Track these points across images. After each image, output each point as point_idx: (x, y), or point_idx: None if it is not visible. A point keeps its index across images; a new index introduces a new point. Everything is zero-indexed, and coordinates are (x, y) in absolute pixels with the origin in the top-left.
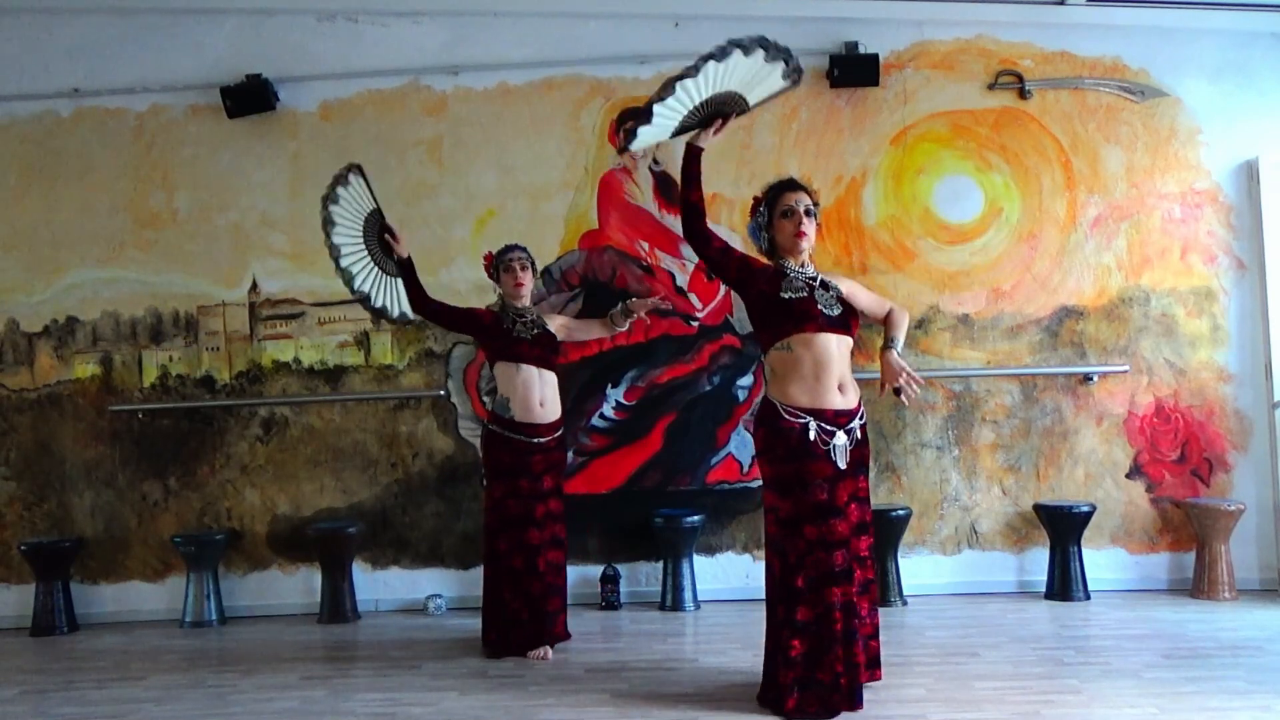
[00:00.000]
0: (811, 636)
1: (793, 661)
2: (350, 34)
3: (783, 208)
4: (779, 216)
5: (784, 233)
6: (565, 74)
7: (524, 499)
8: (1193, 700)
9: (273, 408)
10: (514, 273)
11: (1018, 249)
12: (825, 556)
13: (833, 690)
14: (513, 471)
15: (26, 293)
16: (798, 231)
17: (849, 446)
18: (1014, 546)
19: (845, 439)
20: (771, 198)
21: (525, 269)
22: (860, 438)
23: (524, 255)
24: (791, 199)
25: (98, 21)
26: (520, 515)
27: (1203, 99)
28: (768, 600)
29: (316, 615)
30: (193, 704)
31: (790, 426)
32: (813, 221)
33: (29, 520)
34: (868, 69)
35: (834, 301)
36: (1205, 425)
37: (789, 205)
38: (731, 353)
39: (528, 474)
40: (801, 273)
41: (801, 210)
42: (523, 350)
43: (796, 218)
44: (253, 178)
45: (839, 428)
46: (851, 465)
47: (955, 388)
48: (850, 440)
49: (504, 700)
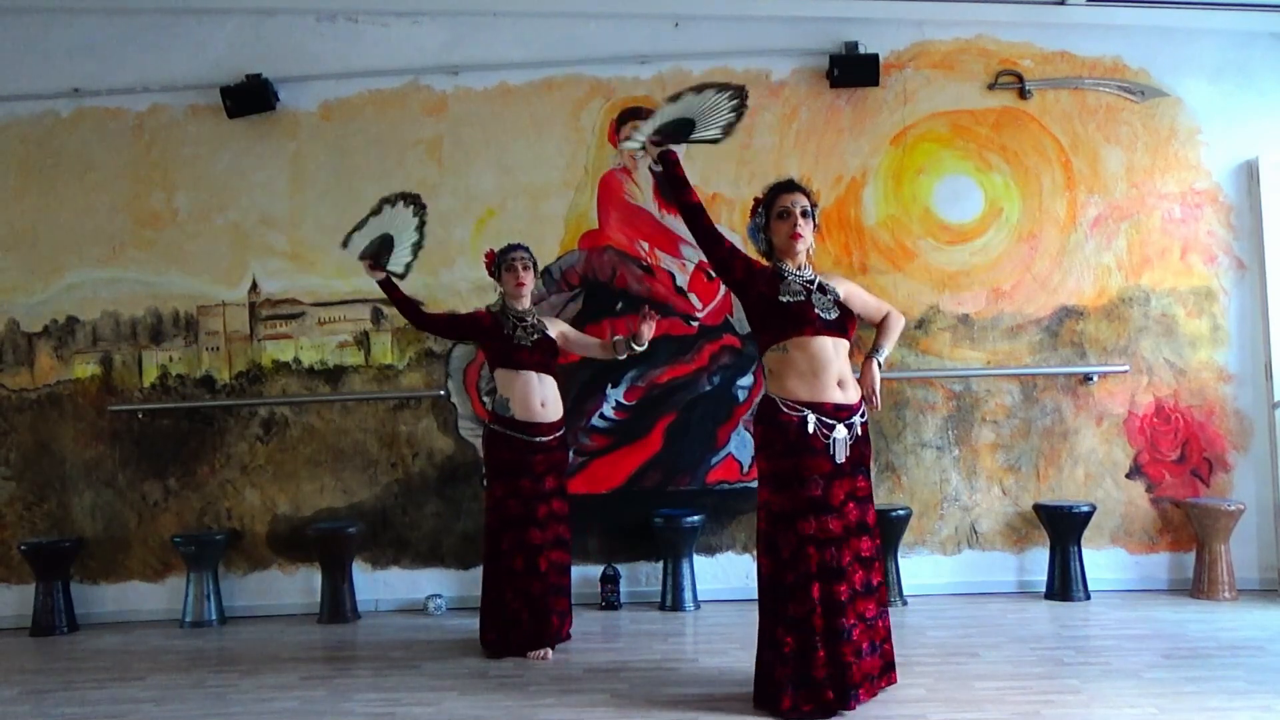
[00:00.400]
0: (803, 633)
1: (786, 658)
2: (350, 34)
3: (778, 209)
4: (775, 218)
5: (780, 234)
6: (565, 74)
7: (525, 499)
8: (1193, 700)
9: (273, 408)
10: (516, 272)
11: (1018, 249)
12: (815, 553)
13: (825, 688)
14: (514, 471)
15: (26, 293)
16: (793, 233)
17: (849, 441)
18: (1014, 546)
19: (845, 433)
20: (769, 199)
21: (527, 269)
22: (861, 434)
23: (526, 255)
24: (787, 201)
25: (98, 21)
26: (521, 515)
27: (1203, 99)
28: (760, 599)
29: (316, 615)
30: (193, 704)
31: (789, 420)
32: (809, 223)
33: (29, 520)
34: (868, 69)
35: (831, 305)
36: (1205, 425)
37: (784, 207)
38: (731, 353)
39: (529, 473)
40: (799, 275)
41: (797, 212)
42: (523, 357)
43: (792, 219)
44: (253, 178)
45: (839, 421)
46: (850, 463)
47: (955, 388)
48: (850, 435)
49: (504, 700)
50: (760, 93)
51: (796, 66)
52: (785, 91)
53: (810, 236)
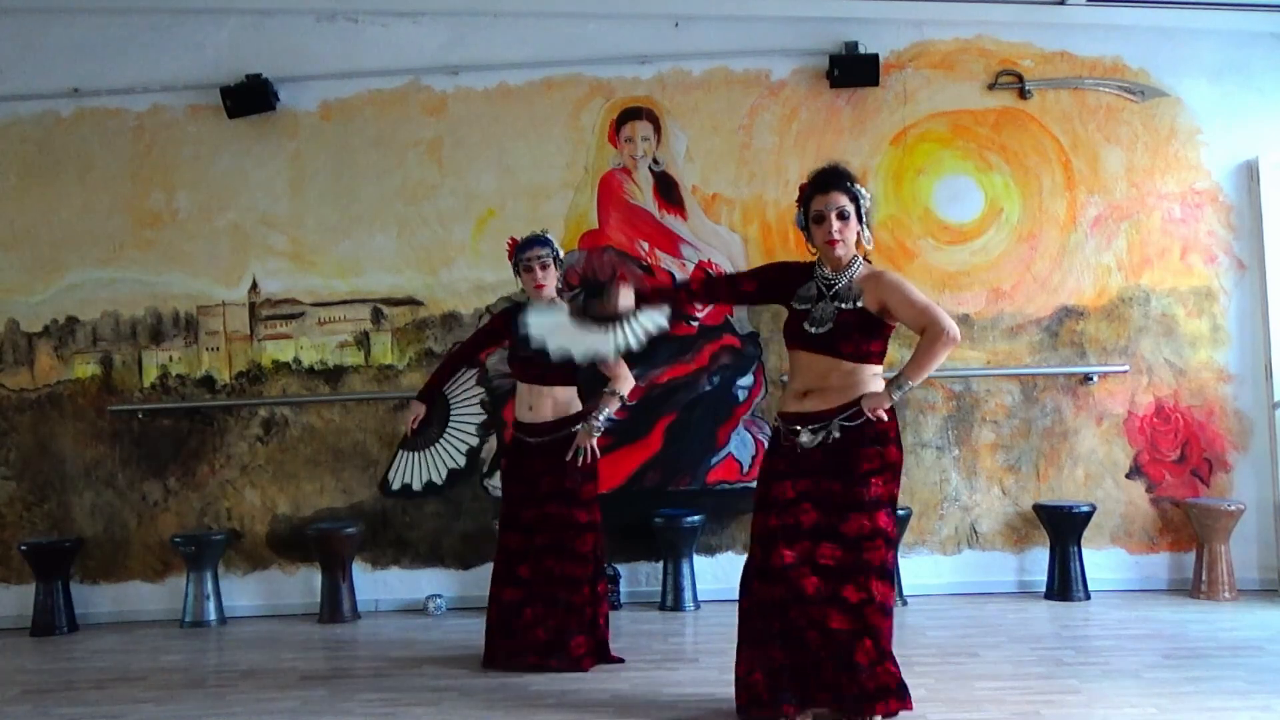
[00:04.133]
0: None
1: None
2: (350, 34)
3: (814, 213)
4: (811, 221)
5: (817, 239)
6: (565, 74)
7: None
8: (1193, 700)
9: (273, 408)
10: (534, 273)
11: (1018, 249)
12: (759, 550)
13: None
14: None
15: (26, 293)
16: (829, 239)
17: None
18: (1014, 546)
19: (810, 438)
20: (806, 198)
21: (545, 267)
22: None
23: (545, 253)
24: (821, 203)
25: (98, 21)
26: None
27: (1203, 99)
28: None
29: (316, 615)
30: (193, 704)
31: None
32: (848, 223)
33: (29, 520)
34: (868, 69)
35: (830, 318)
36: (1205, 425)
37: (818, 210)
38: (731, 353)
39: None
40: (824, 278)
41: (832, 215)
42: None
43: (826, 224)
44: (253, 178)
45: (803, 426)
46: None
47: (955, 388)
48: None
49: (504, 700)
50: (760, 93)
51: (796, 66)
52: (785, 91)
53: (852, 238)
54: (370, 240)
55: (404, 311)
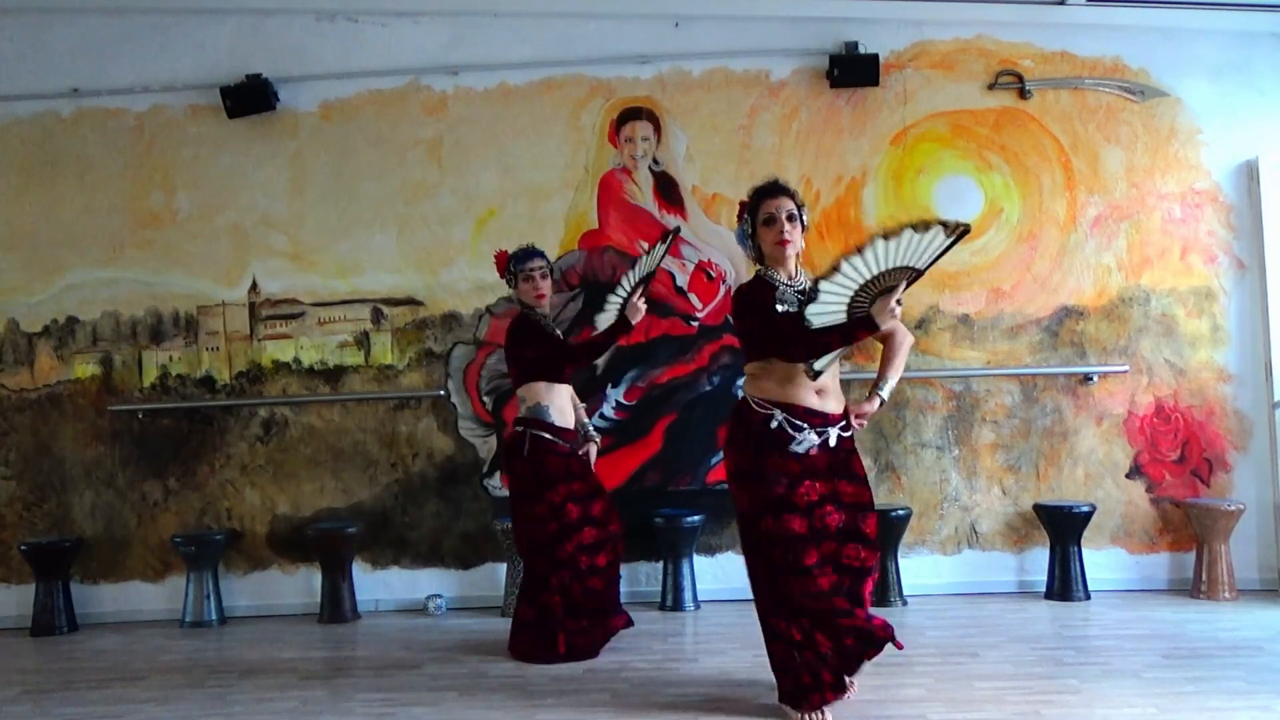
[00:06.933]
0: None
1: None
2: (350, 34)
3: (764, 215)
4: (761, 224)
5: (767, 241)
6: (565, 74)
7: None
8: (1193, 700)
9: (273, 408)
10: (535, 282)
11: (1018, 249)
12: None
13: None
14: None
15: (26, 293)
16: (780, 239)
17: (814, 448)
18: (1014, 546)
19: (815, 439)
20: (753, 204)
21: (546, 278)
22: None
23: (545, 264)
24: (772, 206)
25: (98, 21)
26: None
27: (1203, 99)
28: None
29: (316, 615)
30: (193, 704)
31: (755, 416)
32: (797, 227)
33: (29, 520)
34: (868, 69)
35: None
36: (1205, 425)
37: (769, 213)
38: (731, 353)
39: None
40: (791, 285)
41: (783, 217)
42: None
43: (778, 225)
44: (253, 178)
45: (810, 426)
46: (829, 466)
47: (955, 388)
48: (821, 443)
49: (504, 700)
50: (760, 93)
51: (796, 66)
52: (785, 91)
53: (800, 241)
54: (370, 240)
55: (404, 311)
